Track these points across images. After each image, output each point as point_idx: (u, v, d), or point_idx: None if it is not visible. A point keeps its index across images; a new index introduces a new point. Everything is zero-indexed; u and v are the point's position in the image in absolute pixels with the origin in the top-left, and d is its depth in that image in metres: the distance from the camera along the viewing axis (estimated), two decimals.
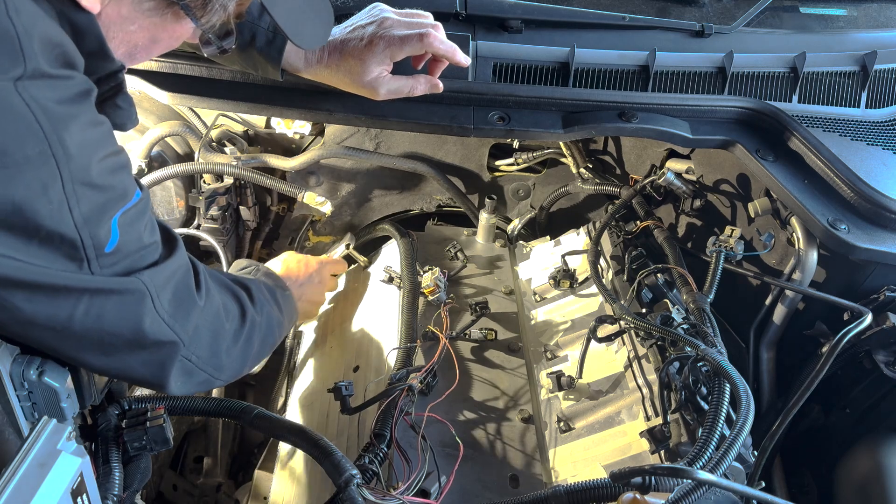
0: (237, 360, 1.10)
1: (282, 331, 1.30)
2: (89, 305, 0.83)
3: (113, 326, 0.87)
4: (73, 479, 0.78)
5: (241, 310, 1.12)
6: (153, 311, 0.90)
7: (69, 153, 0.76)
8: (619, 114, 1.40)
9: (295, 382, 1.60)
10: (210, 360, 1.03)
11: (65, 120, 0.76)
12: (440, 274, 1.50)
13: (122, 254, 0.85)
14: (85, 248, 0.80)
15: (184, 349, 0.96)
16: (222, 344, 1.05)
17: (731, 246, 1.35)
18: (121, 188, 0.84)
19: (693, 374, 1.10)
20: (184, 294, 0.96)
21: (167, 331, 0.93)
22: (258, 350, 1.17)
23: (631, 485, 0.83)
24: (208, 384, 1.06)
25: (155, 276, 0.90)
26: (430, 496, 1.11)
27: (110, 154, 0.83)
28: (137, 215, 0.87)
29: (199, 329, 0.99)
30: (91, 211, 0.80)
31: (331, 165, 1.83)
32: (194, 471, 1.84)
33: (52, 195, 0.76)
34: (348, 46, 1.26)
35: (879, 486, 1.24)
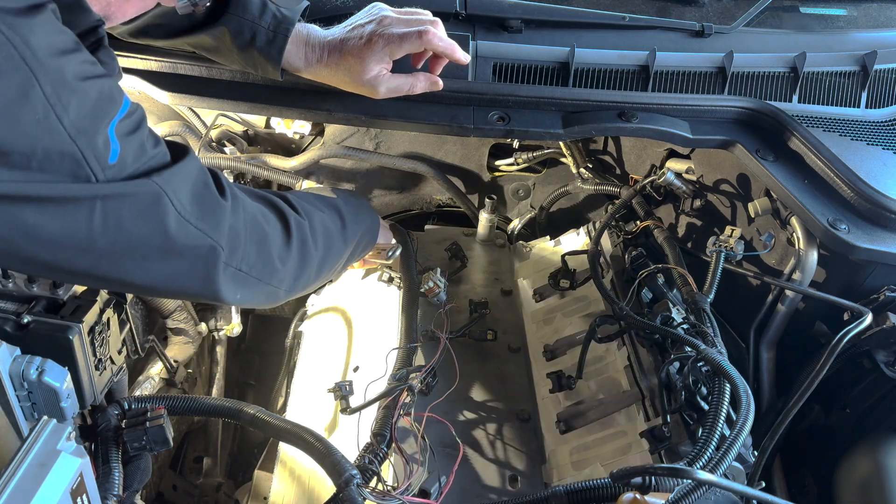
0: (298, 268, 1.06)
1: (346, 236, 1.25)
2: (105, 213, 0.80)
3: (138, 234, 0.84)
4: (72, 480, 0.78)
5: (279, 214, 1.07)
6: (175, 213, 0.87)
7: (38, 56, 0.73)
8: (619, 114, 1.40)
9: (295, 382, 1.60)
10: (263, 268, 0.99)
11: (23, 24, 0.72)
12: (440, 274, 1.50)
13: (128, 165, 0.82)
14: (87, 161, 0.77)
15: (224, 255, 0.93)
16: (272, 248, 1.01)
17: (731, 246, 1.35)
18: (106, 91, 0.81)
19: (693, 375, 1.10)
20: (205, 194, 0.92)
21: (196, 233, 0.90)
22: (322, 256, 1.13)
23: (631, 485, 0.83)
24: (272, 296, 1.03)
25: (170, 177, 0.86)
26: (430, 496, 1.11)
27: (84, 61, 0.80)
28: (134, 125, 0.85)
29: (237, 233, 0.96)
30: (81, 117, 0.76)
31: (331, 165, 1.83)
32: (194, 471, 1.85)
33: (33, 101, 0.72)
34: (348, 45, 1.26)
35: (879, 486, 1.24)
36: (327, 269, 1.19)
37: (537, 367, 1.41)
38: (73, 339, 0.94)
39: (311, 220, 1.14)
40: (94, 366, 1.01)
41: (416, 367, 1.31)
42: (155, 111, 1.74)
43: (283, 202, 1.12)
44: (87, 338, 0.97)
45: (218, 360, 1.85)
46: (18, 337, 0.93)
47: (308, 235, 1.11)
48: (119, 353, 1.10)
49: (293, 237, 1.08)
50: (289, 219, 1.09)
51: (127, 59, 1.34)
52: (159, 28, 1.23)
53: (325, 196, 1.28)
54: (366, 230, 1.39)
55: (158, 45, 1.29)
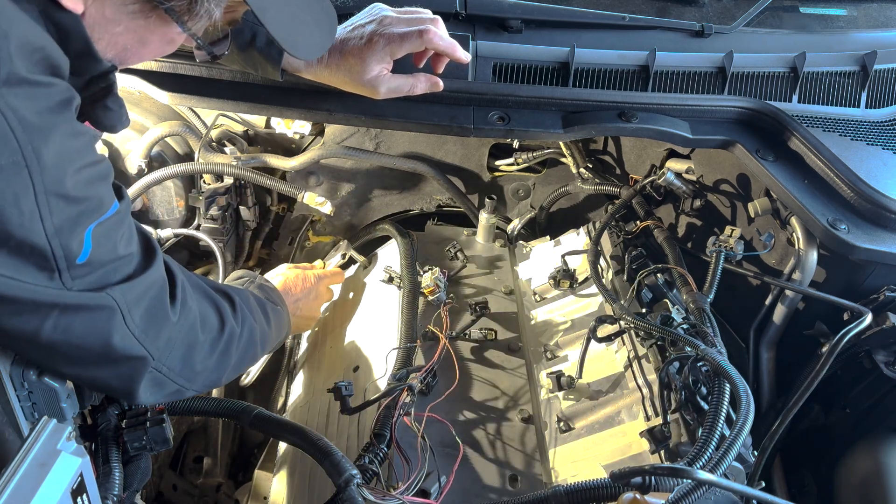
0: (212, 370, 1.08)
1: (266, 344, 1.27)
2: (57, 320, 0.82)
3: (81, 341, 0.86)
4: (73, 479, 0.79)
5: (220, 320, 1.09)
6: (123, 327, 0.88)
7: (43, 164, 0.75)
8: (619, 114, 1.40)
9: (295, 382, 1.60)
10: (182, 371, 1.01)
11: (42, 131, 0.75)
12: (440, 274, 1.50)
13: (94, 265, 0.83)
14: (56, 259, 0.79)
15: (154, 362, 0.95)
16: (197, 355, 1.03)
17: (731, 246, 1.35)
18: (96, 200, 0.83)
19: (693, 374, 1.10)
20: (157, 309, 0.94)
21: (137, 346, 0.91)
22: (237, 362, 1.15)
23: (631, 485, 0.83)
24: (179, 394, 1.04)
25: (127, 291, 0.88)
26: (430, 496, 1.11)
27: (88, 165, 0.82)
28: (113, 227, 0.86)
29: (172, 342, 0.97)
30: (63, 222, 0.78)
31: (331, 165, 1.83)
32: (194, 471, 1.85)
33: (23, 206, 0.74)
34: (348, 45, 1.26)
35: (879, 486, 1.24)
36: (234, 374, 1.19)
37: (537, 367, 1.41)
38: None
39: (243, 329, 1.15)
40: None
41: (416, 367, 1.31)
42: (155, 111, 1.74)
43: (228, 306, 1.12)
44: None
45: None
46: None
47: (234, 345, 1.12)
48: None
49: (220, 344, 1.09)
50: (225, 326, 1.09)
51: None
52: None
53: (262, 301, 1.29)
54: (281, 339, 1.39)
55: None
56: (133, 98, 1.69)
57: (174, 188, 1.76)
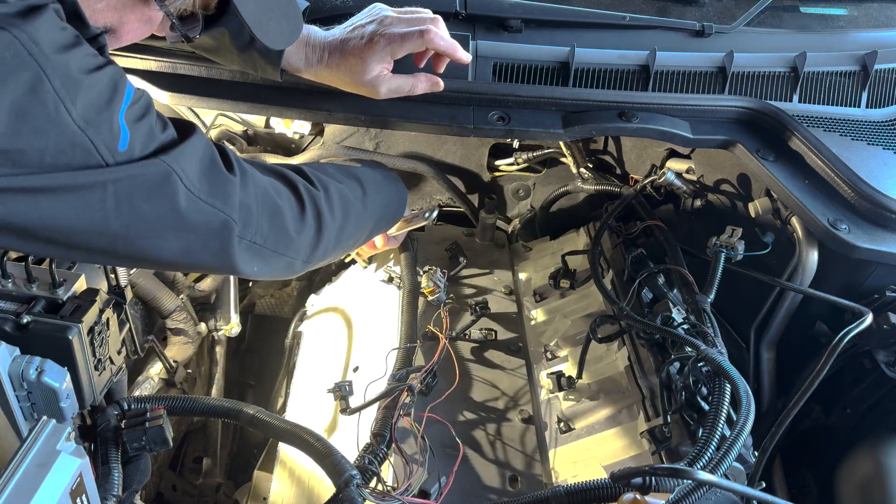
0: (314, 238, 1.08)
1: (367, 203, 1.26)
2: (117, 195, 0.83)
3: (150, 213, 0.86)
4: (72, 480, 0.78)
5: (291, 187, 1.09)
6: (185, 190, 0.89)
7: (45, 52, 0.75)
8: (619, 114, 1.40)
9: (294, 382, 1.60)
10: (278, 239, 1.01)
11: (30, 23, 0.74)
12: (440, 274, 1.50)
13: (136, 148, 0.84)
14: (98, 150, 0.80)
15: (238, 228, 0.95)
16: (286, 222, 1.03)
17: (732, 246, 1.34)
18: (110, 82, 0.83)
19: (693, 375, 1.10)
20: (213, 170, 0.94)
21: (207, 209, 0.92)
22: (339, 227, 1.14)
23: (631, 485, 0.83)
24: (290, 267, 1.05)
25: (177, 155, 0.89)
26: (430, 496, 1.10)
27: (87, 54, 0.82)
28: (142, 110, 0.87)
29: (248, 207, 0.98)
30: (88, 109, 0.79)
31: None
32: (193, 471, 1.84)
33: (44, 95, 0.74)
34: (349, 45, 1.26)
35: (880, 486, 1.24)
36: (347, 239, 1.20)
37: (537, 367, 1.41)
38: (72, 339, 0.94)
39: (327, 191, 1.15)
40: (94, 366, 1.01)
41: (416, 367, 1.31)
42: None
43: (296, 174, 1.12)
44: (86, 338, 0.97)
45: (217, 361, 1.85)
46: (18, 337, 0.93)
47: (323, 205, 1.12)
48: (118, 353, 1.09)
49: (307, 208, 1.09)
50: (301, 190, 1.10)
51: (127, 59, 1.33)
52: None
53: (345, 166, 1.29)
54: (390, 199, 1.39)
55: (158, 44, 1.29)
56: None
57: None
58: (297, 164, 1.16)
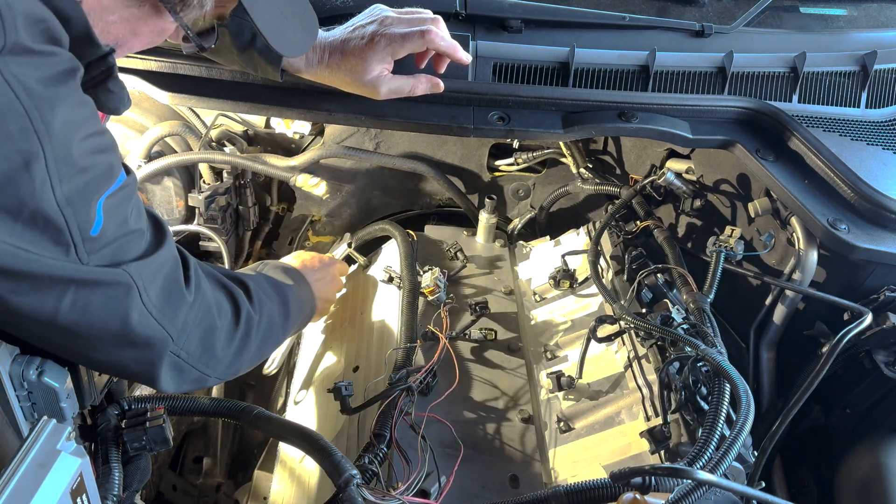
0: (233, 357, 1.09)
1: (288, 326, 1.27)
2: (75, 297, 0.82)
3: (100, 320, 0.86)
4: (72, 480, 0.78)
5: (234, 307, 1.10)
6: (140, 305, 0.89)
7: (52, 131, 0.75)
8: (619, 114, 1.40)
9: (294, 382, 1.60)
10: (202, 357, 1.01)
11: (48, 99, 0.75)
12: (440, 274, 1.50)
13: (107, 239, 0.84)
14: (70, 231, 0.79)
15: (172, 345, 0.95)
16: (216, 341, 1.04)
17: (731, 246, 1.35)
18: (105, 168, 0.83)
19: (693, 375, 1.10)
20: (172, 288, 0.95)
21: (155, 325, 0.92)
22: (258, 348, 1.15)
23: (631, 485, 0.83)
24: (201, 382, 1.05)
25: (142, 268, 0.88)
26: (430, 496, 1.10)
27: (94, 134, 0.82)
28: (123, 199, 0.86)
29: (189, 325, 0.98)
30: (74, 191, 0.78)
31: (331, 165, 1.83)
32: (194, 471, 1.85)
33: (34, 172, 0.74)
34: (349, 45, 1.26)
35: (880, 486, 1.24)
36: (256, 360, 1.20)
37: (537, 367, 1.41)
38: None
39: (261, 316, 1.15)
40: None
41: (416, 367, 1.31)
42: (155, 111, 1.74)
43: (243, 295, 1.12)
44: None
45: None
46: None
47: (253, 331, 1.12)
48: None
49: (239, 332, 1.09)
50: (241, 312, 1.10)
51: (127, 59, 1.34)
52: None
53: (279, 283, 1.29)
54: (303, 320, 1.39)
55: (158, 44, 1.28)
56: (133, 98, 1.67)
57: (174, 188, 1.76)
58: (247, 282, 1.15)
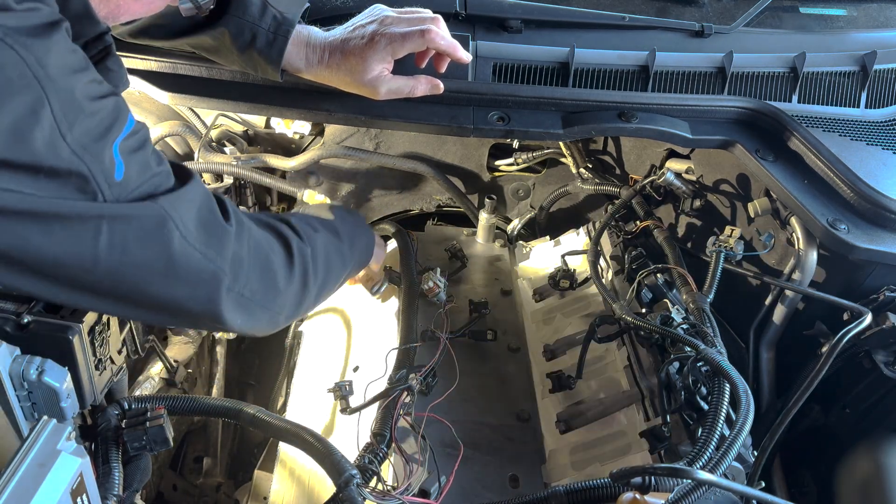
0: (299, 294, 1.07)
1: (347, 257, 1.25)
2: (111, 234, 0.81)
3: (142, 257, 0.84)
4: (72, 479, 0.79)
5: (283, 242, 1.07)
6: (180, 237, 0.87)
7: (51, 75, 0.74)
8: (619, 114, 1.40)
9: (295, 382, 1.60)
10: (266, 295, 1.00)
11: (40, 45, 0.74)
12: (440, 274, 1.50)
13: (133, 181, 0.83)
14: (94, 177, 0.78)
15: (227, 280, 0.93)
16: (275, 277, 1.02)
17: (731, 246, 1.35)
18: (111, 111, 0.82)
19: (693, 375, 1.10)
20: (210, 219, 0.93)
21: (199, 258, 0.89)
22: (322, 281, 1.13)
23: (631, 485, 0.83)
24: (273, 322, 1.03)
25: (175, 200, 0.87)
26: (430, 496, 1.11)
27: (93, 80, 0.81)
28: (139, 143, 0.85)
29: (241, 259, 0.96)
30: (85, 136, 0.77)
31: (330, 165, 1.83)
32: (194, 471, 1.85)
33: (42, 120, 0.73)
34: (349, 45, 1.26)
35: (879, 486, 1.24)
36: (325, 293, 1.19)
37: (537, 367, 1.41)
38: (73, 339, 0.94)
39: (314, 247, 1.14)
40: (94, 366, 1.01)
41: (416, 367, 1.31)
42: (155, 111, 1.74)
43: (287, 228, 1.11)
44: (87, 338, 0.97)
45: (218, 360, 1.85)
46: (18, 337, 0.93)
47: (310, 262, 1.11)
48: (119, 353, 1.10)
49: (296, 265, 1.08)
50: (292, 246, 1.09)
51: (127, 59, 1.33)
52: (160, 28, 1.23)
53: (325, 219, 1.28)
54: (362, 250, 1.38)
55: (158, 45, 1.29)
56: (133, 98, 1.69)
57: None
58: (289, 218, 1.15)
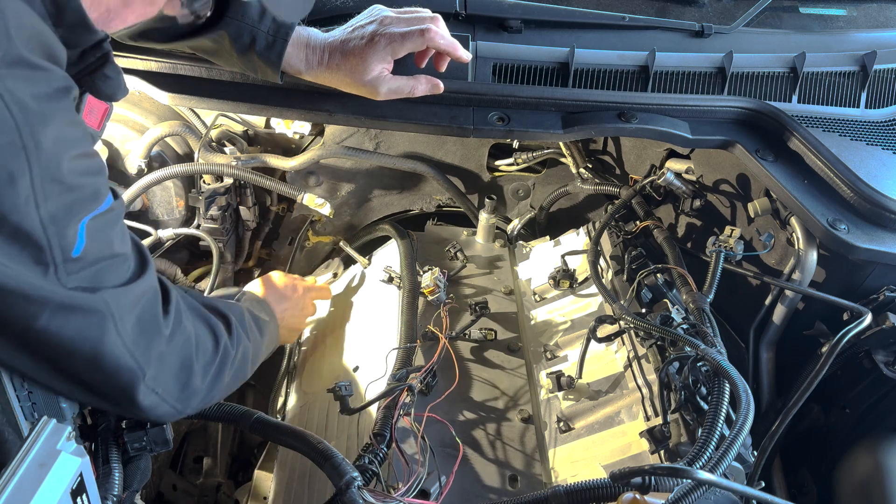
0: (206, 392, 1.06)
1: (257, 360, 1.26)
2: (51, 318, 0.81)
3: (73, 344, 0.84)
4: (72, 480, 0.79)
5: (215, 341, 1.07)
6: (115, 334, 0.87)
7: (41, 148, 0.74)
8: (619, 114, 1.40)
9: (295, 382, 1.60)
10: (178, 393, 0.99)
11: (41, 115, 0.74)
12: (440, 274, 1.50)
13: (88, 261, 0.82)
14: (52, 251, 0.78)
15: (146, 378, 0.93)
16: (192, 376, 1.02)
17: (731, 246, 1.35)
18: (91, 190, 0.82)
19: (693, 374, 1.10)
20: (149, 320, 0.92)
21: (126, 357, 0.89)
22: (229, 382, 1.13)
23: (631, 485, 0.83)
24: (172, 417, 1.02)
25: (120, 297, 0.87)
26: (430, 496, 1.11)
27: (84, 155, 0.81)
28: (108, 223, 0.85)
29: (165, 359, 0.96)
30: (58, 210, 0.77)
31: (330, 165, 1.83)
32: (194, 471, 1.85)
33: (19, 188, 0.73)
34: (349, 46, 1.26)
35: (879, 486, 1.24)
36: (226, 393, 1.17)
37: (537, 367, 1.41)
38: None
39: (237, 349, 1.13)
40: None
41: (416, 367, 1.31)
42: (155, 111, 1.74)
43: (223, 327, 1.10)
44: None
45: None
46: None
47: (228, 364, 1.10)
48: None
49: (214, 366, 1.07)
50: (219, 347, 1.08)
51: (127, 60, 1.34)
52: (159, 31, 1.23)
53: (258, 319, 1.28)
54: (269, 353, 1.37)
55: (158, 47, 1.29)
56: (133, 98, 1.69)
57: (174, 188, 1.76)
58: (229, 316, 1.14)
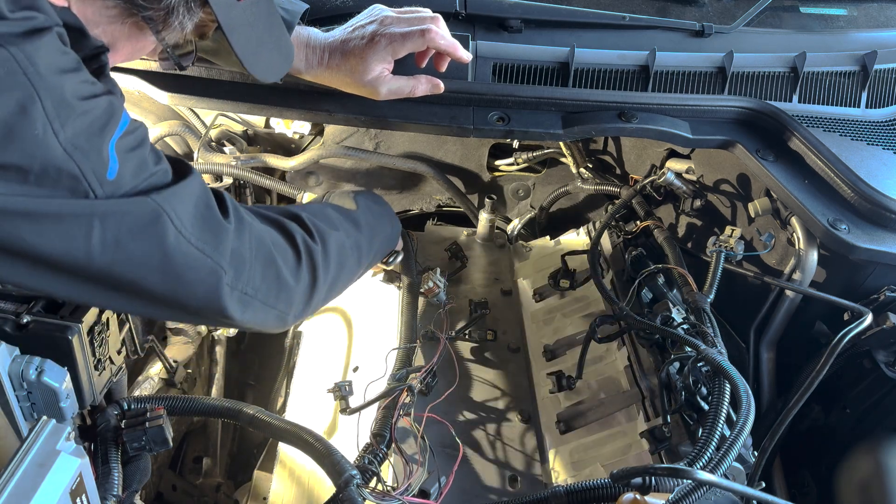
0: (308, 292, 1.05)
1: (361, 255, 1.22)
2: (103, 231, 0.80)
3: (136, 252, 0.83)
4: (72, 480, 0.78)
5: (290, 239, 1.05)
6: (175, 232, 0.85)
7: (41, 72, 0.74)
8: (619, 114, 1.40)
9: (295, 382, 1.60)
10: (269, 293, 0.98)
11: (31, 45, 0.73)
12: (440, 274, 1.50)
13: (127, 180, 0.82)
14: (85, 177, 0.77)
15: (228, 277, 0.92)
16: (280, 275, 1.00)
17: (731, 246, 1.34)
18: (104, 109, 0.81)
19: (693, 375, 1.10)
20: (207, 215, 0.91)
21: (196, 254, 0.88)
22: (334, 278, 1.11)
23: (631, 485, 0.83)
24: (281, 320, 1.02)
25: (169, 196, 0.85)
26: (430, 496, 1.11)
27: (84, 81, 0.81)
28: (136, 142, 0.84)
29: (242, 256, 0.94)
30: (78, 135, 0.77)
31: (330, 165, 1.83)
32: (193, 471, 1.85)
33: (33, 116, 0.73)
34: (349, 46, 1.26)
35: (880, 486, 1.24)
36: (338, 290, 1.17)
37: (537, 367, 1.41)
38: (72, 339, 0.94)
39: (325, 244, 1.11)
40: (94, 366, 1.01)
41: (416, 367, 1.31)
42: (154, 111, 1.74)
43: (295, 225, 1.09)
44: (86, 338, 0.97)
45: (217, 361, 1.85)
46: (18, 337, 0.93)
47: (319, 260, 1.09)
48: (118, 353, 1.10)
49: (303, 262, 1.06)
50: (298, 243, 1.07)
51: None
52: None
53: (345, 210, 1.25)
54: (384, 240, 1.36)
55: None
56: (132, 98, 1.69)
57: None
58: (298, 212, 1.12)
